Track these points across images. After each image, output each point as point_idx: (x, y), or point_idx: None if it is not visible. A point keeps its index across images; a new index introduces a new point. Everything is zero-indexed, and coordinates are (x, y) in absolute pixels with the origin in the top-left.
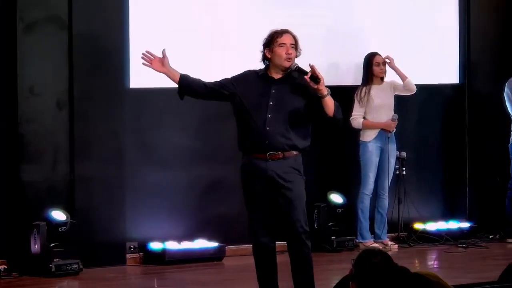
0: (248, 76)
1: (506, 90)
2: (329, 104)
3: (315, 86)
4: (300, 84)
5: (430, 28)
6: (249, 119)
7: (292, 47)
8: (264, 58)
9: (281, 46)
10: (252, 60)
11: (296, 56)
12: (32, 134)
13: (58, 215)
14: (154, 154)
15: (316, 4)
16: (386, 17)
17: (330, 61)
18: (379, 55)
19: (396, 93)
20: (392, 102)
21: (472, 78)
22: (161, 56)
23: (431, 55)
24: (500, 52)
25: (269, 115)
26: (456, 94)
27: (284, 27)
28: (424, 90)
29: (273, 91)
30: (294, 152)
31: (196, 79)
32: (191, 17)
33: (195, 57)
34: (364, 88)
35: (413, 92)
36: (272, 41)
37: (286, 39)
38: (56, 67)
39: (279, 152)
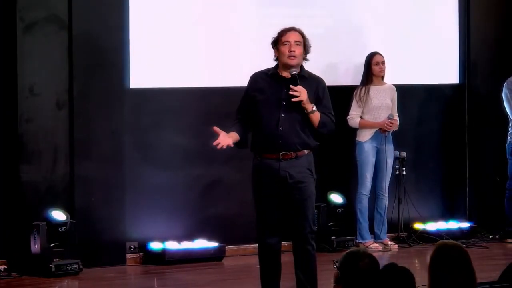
0: (257, 78)
1: (504, 90)
2: (313, 119)
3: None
4: (310, 84)
5: (430, 28)
6: (262, 119)
7: (297, 45)
8: (276, 58)
9: (285, 44)
10: (251, 60)
11: (306, 53)
12: (32, 134)
13: (58, 215)
14: (154, 154)
15: (315, 4)
16: (386, 17)
17: (328, 61)
18: (379, 54)
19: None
20: (390, 103)
21: (472, 78)
22: (219, 134)
23: (431, 55)
24: (500, 52)
25: (282, 115)
26: (456, 94)
27: (286, 27)
28: (424, 90)
29: (285, 90)
30: (306, 151)
31: (240, 128)
32: (191, 17)
33: (195, 56)
34: (363, 88)
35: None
36: (278, 39)
37: (290, 37)
38: (56, 67)
39: (292, 152)
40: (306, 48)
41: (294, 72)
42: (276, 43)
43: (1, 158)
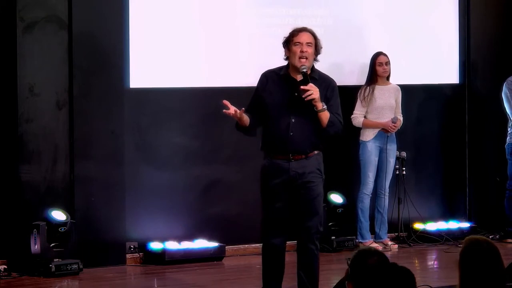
0: (267, 78)
1: (504, 89)
2: (323, 118)
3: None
4: (320, 85)
5: (430, 28)
6: (272, 123)
7: (309, 46)
8: (286, 58)
9: (296, 45)
10: (251, 60)
11: (317, 54)
12: (32, 134)
13: (58, 215)
14: (154, 154)
15: (315, 4)
16: (386, 17)
17: (328, 61)
18: (384, 55)
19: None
20: (394, 103)
21: (472, 78)
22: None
23: (431, 55)
24: (500, 52)
25: (293, 120)
26: (456, 94)
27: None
28: (424, 90)
29: (296, 94)
30: (316, 151)
31: (251, 118)
32: (191, 17)
33: (195, 56)
34: (367, 88)
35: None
36: (289, 40)
37: (301, 38)
38: (55, 67)
39: (302, 154)
40: (317, 49)
41: (304, 70)
42: (287, 43)
43: (1, 158)
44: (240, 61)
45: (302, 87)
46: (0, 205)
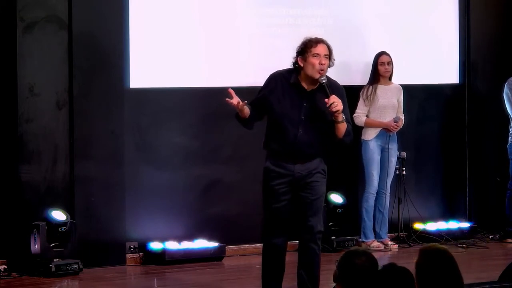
0: (276, 82)
1: (506, 90)
2: (341, 129)
3: (332, 112)
4: (333, 93)
5: (430, 28)
6: (280, 130)
7: (326, 58)
8: (295, 65)
9: (315, 56)
10: (251, 59)
11: (329, 66)
12: (32, 134)
13: (58, 215)
14: (154, 154)
15: (315, 4)
16: (386, 17)
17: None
18: (386, 54)
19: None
20: (396, 103)
21: (472, 78)
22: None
23: (431, 55)
24: (500, 52)
25: (301, 131)
26: (456, 94)
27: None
28: (424, 90)
29: (305, 104)
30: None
31: (252, 111)
32: (191, 17)
33: (195, 56)
34: (370, 87)
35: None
36: (305, 50)
37: (320, 49)
38: (55, 67)
39: (306, 161)
40: (331, 61)
41: (324, 81)
42: (303, 53)
43: (1, 158)
44: (240, 61)
45: (326, 100)
46: (0, 205)
